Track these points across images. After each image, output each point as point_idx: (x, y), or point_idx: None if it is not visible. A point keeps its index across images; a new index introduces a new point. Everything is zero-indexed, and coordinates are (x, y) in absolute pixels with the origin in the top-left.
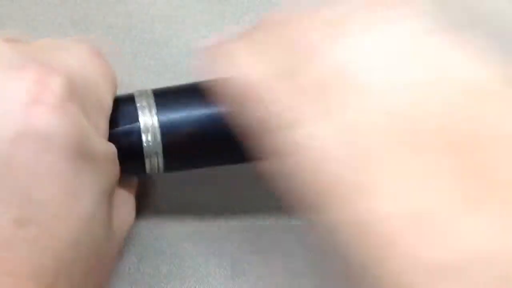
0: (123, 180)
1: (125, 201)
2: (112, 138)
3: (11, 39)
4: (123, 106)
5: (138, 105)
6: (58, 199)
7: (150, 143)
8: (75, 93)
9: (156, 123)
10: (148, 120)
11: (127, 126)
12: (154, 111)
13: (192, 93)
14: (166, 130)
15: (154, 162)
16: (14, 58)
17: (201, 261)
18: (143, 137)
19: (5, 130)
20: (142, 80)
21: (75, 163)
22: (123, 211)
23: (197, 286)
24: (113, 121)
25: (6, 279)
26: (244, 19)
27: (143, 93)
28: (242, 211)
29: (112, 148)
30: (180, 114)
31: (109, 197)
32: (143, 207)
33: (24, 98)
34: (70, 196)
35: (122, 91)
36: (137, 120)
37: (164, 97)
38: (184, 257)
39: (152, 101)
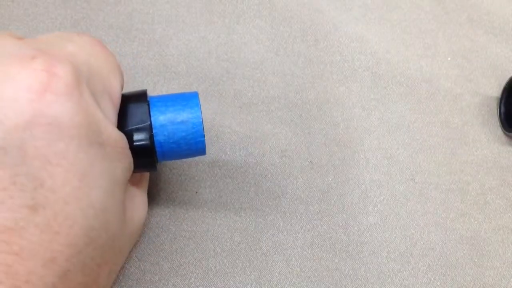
0: (134, 177)
1: (137, 197)
2: (126, 134)
3: (17, 35)
4: (135, 104)
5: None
6: (70, 186)
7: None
8: (82, 81)
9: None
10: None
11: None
12: None
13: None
14: None
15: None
16: (23, 49)
17: (202, 258)
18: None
19: (17, 118)
20: (142, 80)
21: (87, 150)
22: (136, 207)
23: (197, 283)
24: (125, 118)
25: (20, 266)
26: (244, 18)
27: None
28: (242, 209)
29: (122, 137)
30: None
31: (122, 189)
32: None
33: (34, 87)
34: (82, 182)
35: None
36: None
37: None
38: (185, 254)
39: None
